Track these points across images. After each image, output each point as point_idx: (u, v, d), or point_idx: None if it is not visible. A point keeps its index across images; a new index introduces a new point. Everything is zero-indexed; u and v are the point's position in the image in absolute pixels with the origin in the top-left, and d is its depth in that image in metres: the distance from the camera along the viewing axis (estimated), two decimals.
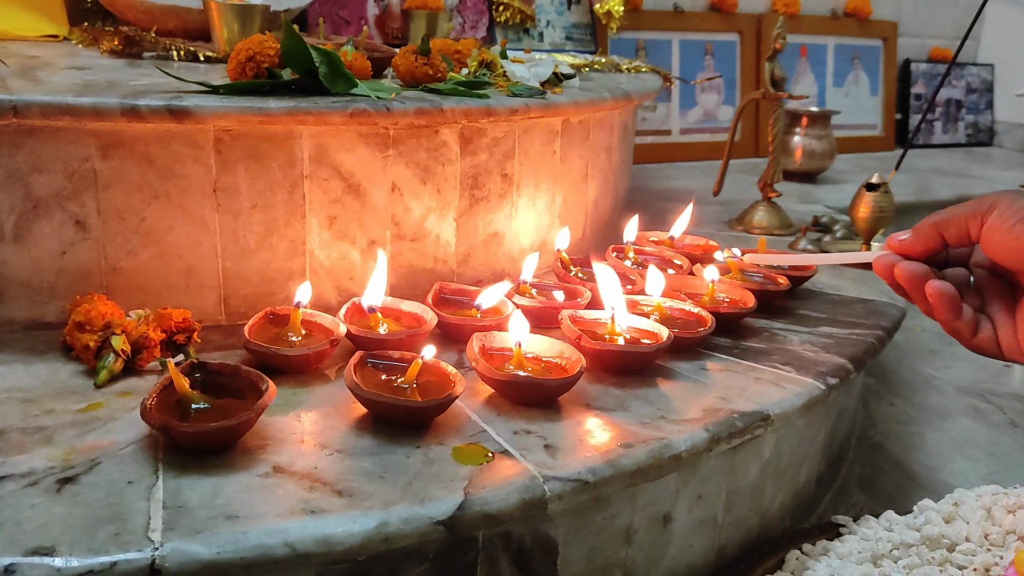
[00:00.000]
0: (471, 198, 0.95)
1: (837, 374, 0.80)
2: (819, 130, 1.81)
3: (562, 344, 0.75)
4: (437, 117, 0.87)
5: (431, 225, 0.93)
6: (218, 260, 0.82)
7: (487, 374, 0.69)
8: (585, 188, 1.13)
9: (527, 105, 0.95)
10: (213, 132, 0.79)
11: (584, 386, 0.74)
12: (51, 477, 0.55)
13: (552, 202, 1.06)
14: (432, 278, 0.94)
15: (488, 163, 0.96)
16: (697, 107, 2.04)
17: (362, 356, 0.70)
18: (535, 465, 0.60)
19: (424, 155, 0.90)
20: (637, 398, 0.73)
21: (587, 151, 1.12)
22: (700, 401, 0.73)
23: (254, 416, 0.59)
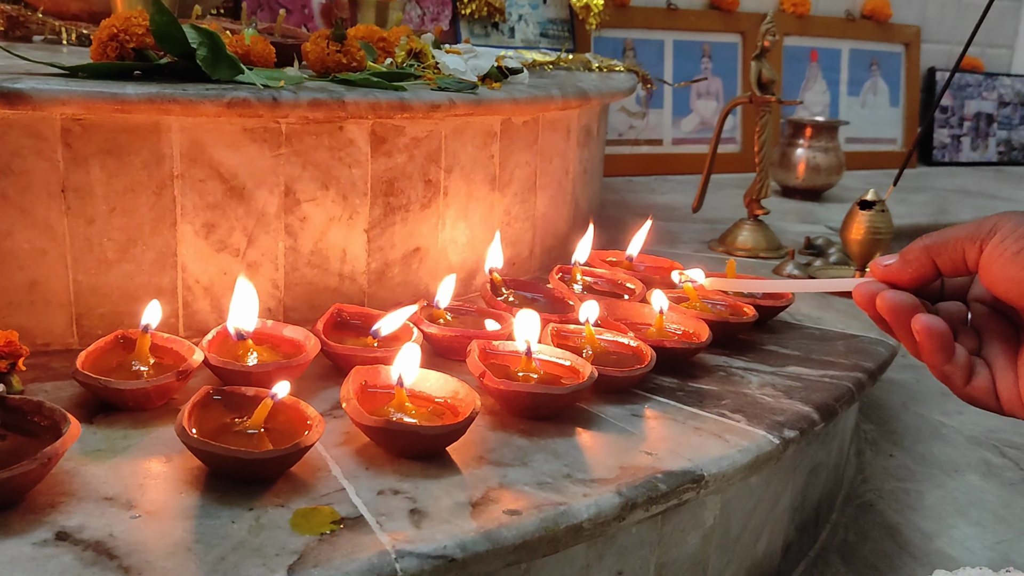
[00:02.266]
0: (385, 207, 0.87)
1: (797, 425, 0.71)
2: (825, 142, 1.72)
3: (458, 383, 0.66)
4: (337, 111, 0.80)
5: (335, 237, 0.85)
6: (68, 272, 0.74)
7: (356, 418, 0.61)
8: (533, 199, 1.05)
9: (452, 101, 0.87)
10: (60, 121, 0.71)
11: (484, 434, 0.66)
12: None
13: (490, 214, 0.98)
14: (338, 298, 0.86)
15: (407, 167, 0.88)
16: (692, 115, 1.96)
17: (207, 392, 0.62)
18: (391, 537, 0.52)
19: (325, 155, 0.82)
20: (544, 450, 0.64)
21: (534, 157, 1.03)
22: (621, 456, 0.64)
23: (37, 467, 0.51)
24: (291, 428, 0.60)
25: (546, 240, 1.10)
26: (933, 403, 1.32)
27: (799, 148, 1.73)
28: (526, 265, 1.07)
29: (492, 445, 0.64)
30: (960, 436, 1.22)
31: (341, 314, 0.81)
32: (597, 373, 0.69)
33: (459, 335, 0.77)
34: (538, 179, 1.05)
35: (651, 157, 1.92)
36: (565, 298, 0.89)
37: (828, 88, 2.12)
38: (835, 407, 0.77)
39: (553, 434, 0.66)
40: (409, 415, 0.63)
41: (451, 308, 0.84)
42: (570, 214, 1.16)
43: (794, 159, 1.73)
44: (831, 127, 1.75)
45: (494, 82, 0.98)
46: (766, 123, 1.27)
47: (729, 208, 1.55)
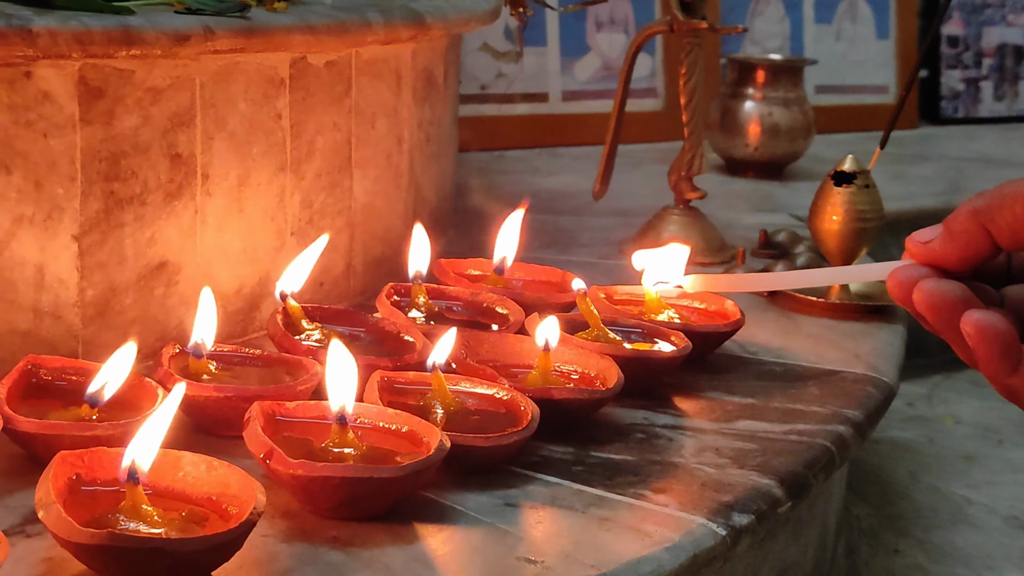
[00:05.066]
0: (107, 198, 0.87)
1: (752, 507, 0.74)
2: (784, 91, 1.81)
3: (229, 469, 0.66)
4: (22, 47, 0.79)
5: (24, 249, 0.84)
6: None
7: (63, 534, 0.59)
8: (347, 183, 1.06)
9: (208, 29, 0.87)
10: None
11: (274, 548, 0.66)
12: None
13: (279, 207, 0.99)
14: (33, 349, 0.84)
15: (141, 134, 0.88)
16: (591, 56, 2.02)
17: None
18: None
19: (4, 119, 0.81)
20: (370, 567, 0.65)
21: (346, 117, 1.05)
22: (489, 568, 0.66)
23: None
24: None
25: (372, 246, 1.11)
26: (954, 472, 1.40)
27: (747, 101, 1.81)
28: (341, 285, 1.07)
29: (287, 564, 0.65)
30: (995, 517, 1.29)
31: (37, 371, 0.80)
32: (449, 443, 0.70)
33: (232, 396, 0.77)
34: (354, 151, 1.06)
35: (531, 120, 1.96)
36: (401, 332, 0.90)
37: (787, 13, 2.22)
38: (807, 477, 0.80)
39: (384, 541, 0.67)
40: (150, 523, 0.62)
41: (218, 355, 0.83)
42: (407, 205, 1.17)
43: (741, 118, 1.80)
44: (793, 69, 1.83)
45: (275, 1, 0.98)
46: (695, 61, 1.32)
47: (649, 192, 1.60)
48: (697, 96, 1.32)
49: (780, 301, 1.15)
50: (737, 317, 0.98)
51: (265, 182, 0.97)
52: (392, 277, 1.11)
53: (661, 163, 1.78)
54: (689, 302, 1.01)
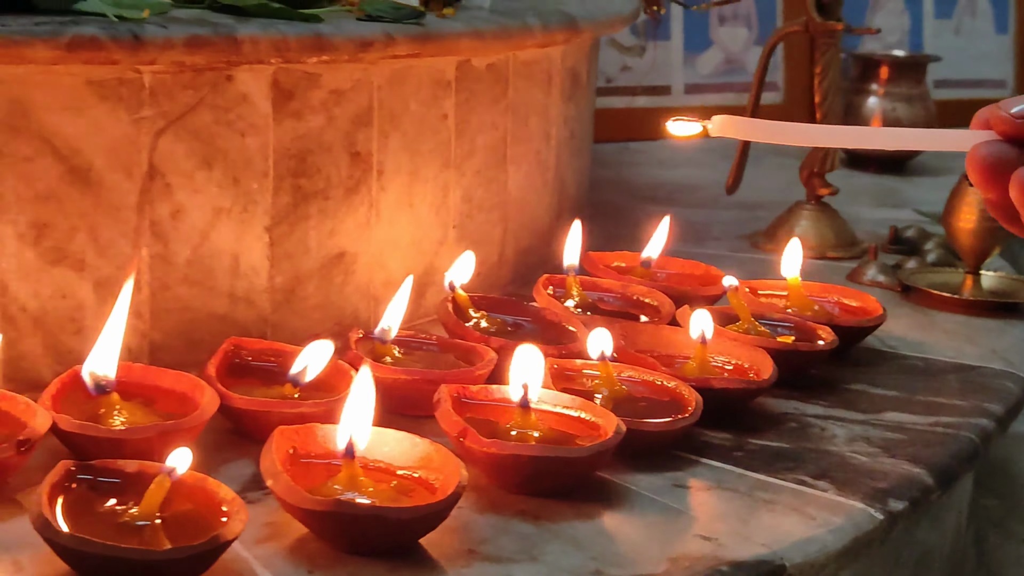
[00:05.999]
0: (295, 193, 0.93)
1: (906, 494, 0.79)
2: (908, 87, 1.83)
3: (430, 445, 0.72)
4: (228, 52, 0.86)
5: (223, 239, 0.91)
6: None
7: (292, 500, 0.66)
8: (503, 178, 1.12)
9: (389, 36, 0.93)
10: None
11: (469, 518, 0.72)
12: None
13: (443, 201, 1.05)
14: (227, 331, 0.91)
15: (326, 133, 0.94)
16: (713, 49, 2.05)
17: (68, 470, 0.66)
18: None
19: (208, 118, 0.88)
20: (558, 538, 0.70)
21: (504, 116, 1.10)
22: (668, 543, 0.71)
23: None
24: (197, 517, 0.65)
25: (521, 237, 1.16)
26: None
27: (871, 96, 1.84)
28: (495, 274, 1.13)
29: (484, 533, 0.71)
30: None
31: (239, 352, 0.86)
32: (625, 428, 0.75)
33: (420, 379, 0.83)
34: (509, 148, 1.12)
35: (655, 112, 2.00)
36: (562, 322, 0.96)
37: (907, 7, 2.23)
38: (954, 468, 0.84)
39: (568, 515, 0.73)
40: (365, 494, 0.68)
41: (400, 340, 0.89)
42: (554, 198, 1.23)
43: (865, 113, 1.83)
44: (916, 65, 1.85)
45: (444, 7, 1.04)
46: (830, 61, 1.35)
47: (773, 186, 1.64)
48: (831, 95, 1.36)
49: (914, 297, 1.18)
50: (880, 312, 1.02)
51: (432, 178, 1.03)
52: (539, 266, 1.17)
53: (781, 155, 1.82)
54: (836, 298, 1.05)
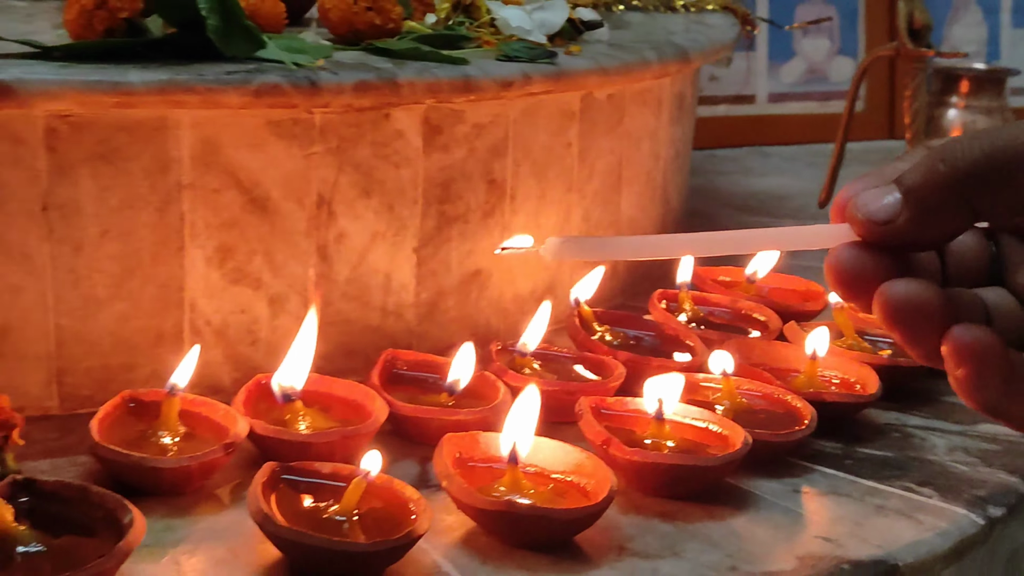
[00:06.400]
0: (440, 217, 1.02)
1: (1004, 501, 0.86)
2: (988, 100, 1.88)
3: (581, 453, 0.81)
4: (389, 96, 0.94)
5: (378, 260, 0.99)
6: (48, 315, 0.88)
7: (466, 500, 0.75)
8: (617, 199, 1.20)
9: (527, 75, 1.02)
10: (44, 120, 0.85)
11: (614, 518, 0.80)
12: None
13: (566, 221, 1.13)
14: (379, 342, 1.00)
15: (467, 164, 1.03)
16: (797, 59, 2.12)
17: (274, 471, 0.75)
18: None
19: (368, 152, 0.97)
20: (695, 537, 0.79)
21: (619, 142, 1.19)
22: (792, 543, 0.78)
23: (112, 565, 0.65)
24: (388, 514, 0.74)
25: None
26: None
27: (951, 109, 1.89)
28: (607, 288, 1.21)
29: (629, 532, 0.79)
30: None
31: (396, 363, 0.95)
32: (751, 439, 0.84)
33: (560, 390, 0.92)
34: (623, 171, 1.20)
35: (740, 120, 2.08)
36: (680, 336, 1.04)
37: (985, 17, 2.29)
38: None
39: (701, 517, 0.81)
40: (526, 496, 0.77)
41: (536, 353, 0.98)
42: (660, 215, 1.31)
43: (945, 125, 1.89)
44: (995, 78, 1.90)
45: (569, 42, 1.13)
46: (920, 85, 1.43)
47: None
48: (920, 116, 1.43)
49: None
50: None
51: (556, 201, 1.12)
52: (645, 279, 1.26)
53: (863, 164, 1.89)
54: None
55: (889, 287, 0.42)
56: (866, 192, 0.43)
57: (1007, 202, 0.41)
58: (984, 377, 0.42)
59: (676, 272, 1.13)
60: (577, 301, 1.05)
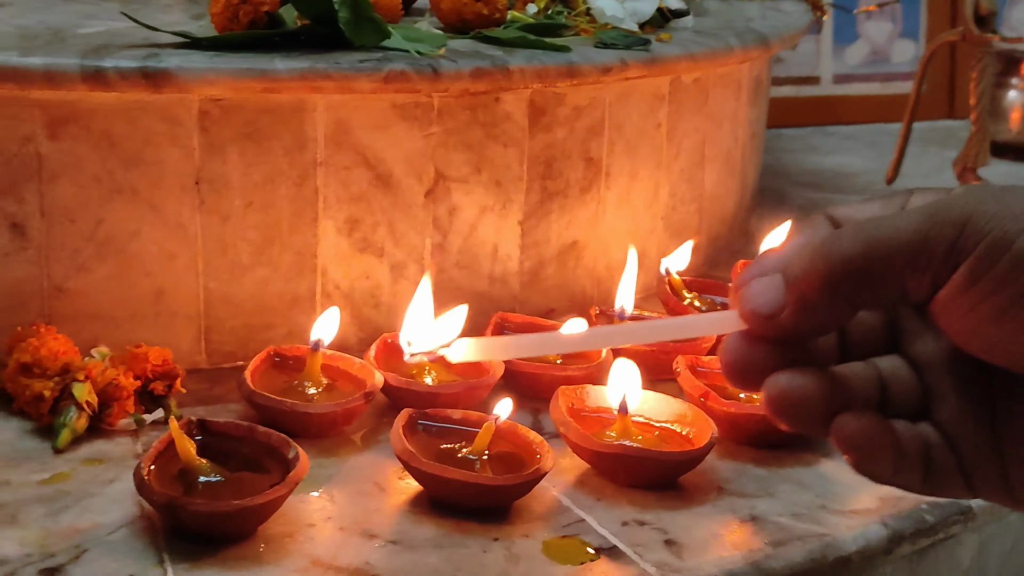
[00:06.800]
0: (542, 192, 1.10)
1: None
2: None
3: (682, 404, 0.89)
4: (501, 81, 1.02)
5: (486, 231, 1.08)
6: (199, 279, 0.98)
7: (583, 444, 0.84)
8: (700, 176, 1.28)
9: (624, 61, 1.10)
10: (198, 104, 0.94)
11: (713, 463, 0.88)
12: (30, 567, 0.70)
13: (655, 197, 1.21)
14: (486, 306, 1.08)
15: (567, 143, 1.11)
16: (860, 42, 2.18)
17: (411, 416, 0.85)
18: (655, 567, 0.75)
19: (480, 133, 1.05)
20: (787, 480, 0.87)
21: (704, 122, 1.26)
22: (875, 485, 0.86)
23: (286, 492, 0.74)
24: (514, 454, 0.83)
25: (712, 226, 1.33)
26: None
27: (1011, 90, 1.96)
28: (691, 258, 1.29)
29: (726, 475, 0.87)
30: None
31: (505, 324, 1.04)
32: None
33: (658, 349, 1.00)
34: (706, 149, 1.28)
35: (805, 101, 2.15)
36: None
37: None
38: None
39: (791, 463, 0.89)
40: (636, 441, 0.86)
41: (632, 317, 1.06)
42: (738, 191, 1.39)
43: (1005, 105, 1.95)
44: None
45: (658, 30, 1.21)
46: (984, 68, 1.49)
47: (921, 172, 1.77)
48: (984, 99, 1.50)
49: None
50: None
51: (646, 178, 1.20)
52: (725, 250, 1.34)
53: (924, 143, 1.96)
54: None
55: (770, 381, 0.44)
56: (753, 284, 0.44)
57: (883, 296, 0.42)
58: (873, 461, 0.44)
59: (758, 245, 1.21)
60: (667, 271, 1.13)
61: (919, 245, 0.41)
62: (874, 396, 0.46)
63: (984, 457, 0.45)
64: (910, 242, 0.41)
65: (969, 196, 0.41)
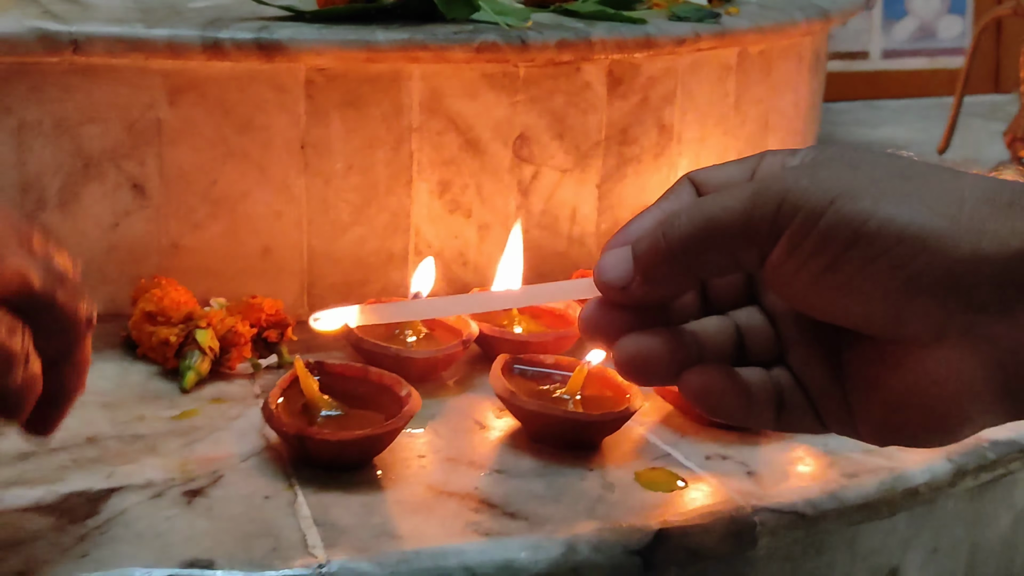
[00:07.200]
0: (618, 157, 1.16)
1: None
2: None
3: None
4: (584, 51, 1.09)
5: (566, 194, 1.14)
6: (303, 236, 1.04)
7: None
8: (764, 144, 1.34)
9: (697, 33, 1.16)
10: (304, 72, 1.01)
11: None
12: (175, 489, 0.77)
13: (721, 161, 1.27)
14: (564, 265, 1.15)
15: (641, 111, 1.17)
16: (908, 18, 2.22)
17: (507, 361, 0.91)
18: (740, 494, 0.81)
19: (561, 101, 1.11)
20: None
21: (768, 93, 1.32)
22: None
23: (402, 424, 0.81)
24: (605, 396, 0.90)
25: None
26: None
27: None
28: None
29: None
30: None
31: None
32: None
33: None
34: (769, 119, 1.34)
35: (852, 76, 2.19)
36: None
37: None
38: None
39: None
40: None
41: None
42: None
43: None
44: None
45: (726, 3, 1.26)
46: None
47: (973, 144, 1.82)
48: None
49: None
50: None
51: (714, 144, 1.26)
52: None
53: (969, 116, 2.00)
54: None
55: (620, 343, 0.49)
56: (606, 256, 0.50)
57: (719, 267, 0.48)
58: (721, 407, 0.49)
59: None
60: None
61: (744, 222, 0.46)
62: (729, 347, 0.52)
63: (829, 395, 0.50)
64: (736, 220, 0.46)
65: (788, 174, 0.46)
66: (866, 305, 0.46)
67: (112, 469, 0.80)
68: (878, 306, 0.46)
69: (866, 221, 0.45)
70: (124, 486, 0.78)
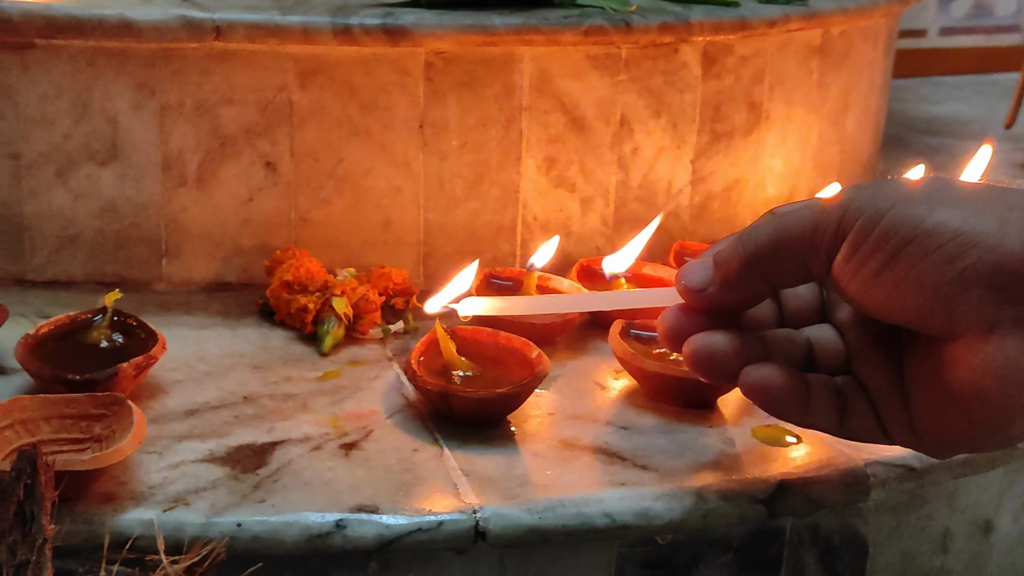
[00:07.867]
0: (712, 134, 1.21)
1: None
2: None
3: None
4: (683, 33, 1.13)
5: (662, 169, 1.19)
6: (420, 211, 1.10)
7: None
8: (843, 121, 1.38)
9: (787, 15, 1.20)
10: (424, 56, 1.06)
11: None
12: (332, 442, 0.83)
13: (806, 140, 1.32)
14: (661, 236, 1.19)
15: (733, 89, 1.21)
16: None
17: (623, 326, 0.96)
18: (849, 448, 0.86)
19: (660, 80, 1.16)
20: None
21: (847, 72, 1.36)
22: None
23: (536, 382, 0.86)
24: None
25: (851, 168, 1.43)
26: None
27: None
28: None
29: None
30: None
31: (684, 252, 1.15)
32: None
33: None
34: (848, 97, 1.38)
35: (911, 53, 2.22)
36: None
37: None
38: None
39: None
40: None
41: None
42: (872, 135, 1.48)
43: None
44: None
45: None
46: None
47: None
48: None
49: None
50: None
51: (799, 121, 1.30)
52: None
53: None
54: None
55: (690, 340, 0.53)
56: (687, 264, 0.55)
57: (790, 273, 0.52)
58: (778, 404, 0.52)
59: None
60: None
61: (813, 229, 0.50)
62: (797, 355, 0.56)
63: (892, 400, 0.54)
64: (806, 228, 0.50)
65: (852, 189, 0.51)
66: (922, 298, 0.50)
67: (271, 424, 0.86)
68: (933, 299, 0.49)
69: (923, 221, 0.49)
70: (285, 439, 0.83)
